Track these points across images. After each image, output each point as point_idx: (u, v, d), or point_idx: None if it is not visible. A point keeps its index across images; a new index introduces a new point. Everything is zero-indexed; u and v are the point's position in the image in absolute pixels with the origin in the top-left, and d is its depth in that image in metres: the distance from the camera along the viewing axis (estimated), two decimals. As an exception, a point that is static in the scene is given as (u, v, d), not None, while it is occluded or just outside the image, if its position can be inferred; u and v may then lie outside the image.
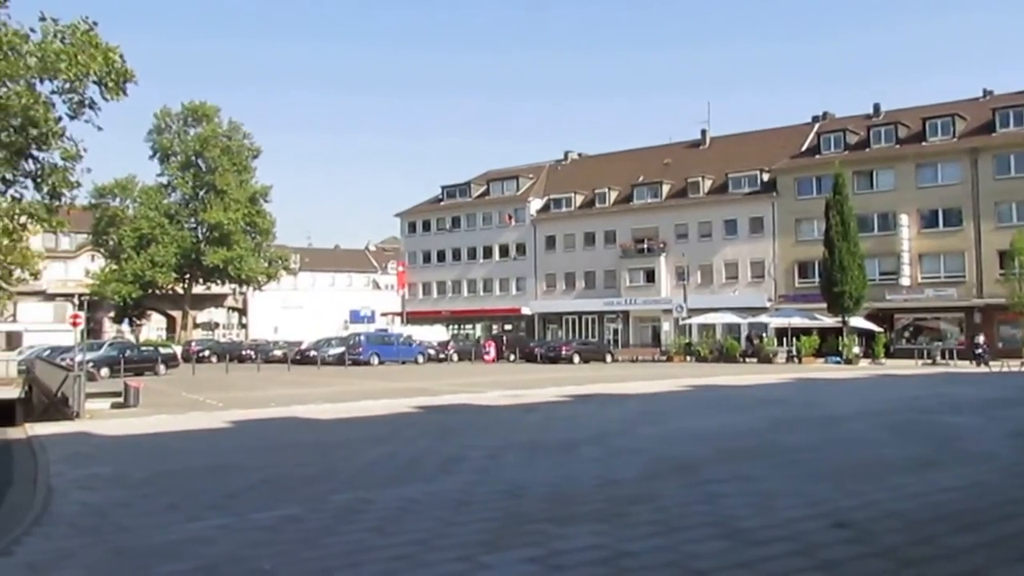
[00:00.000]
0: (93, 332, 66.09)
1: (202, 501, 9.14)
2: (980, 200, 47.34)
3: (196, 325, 77.26)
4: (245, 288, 74.40)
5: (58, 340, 43.41)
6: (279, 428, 17.00)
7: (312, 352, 48.70)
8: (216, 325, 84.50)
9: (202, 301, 78.22)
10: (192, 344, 59.05)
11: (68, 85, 17.23)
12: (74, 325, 30.04)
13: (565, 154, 74.26)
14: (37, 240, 44.65)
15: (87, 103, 17.58)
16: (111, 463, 12.49)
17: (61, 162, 18.35)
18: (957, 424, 16.19)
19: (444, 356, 51.82)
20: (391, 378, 34.45)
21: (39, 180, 18.56)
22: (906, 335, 49.94)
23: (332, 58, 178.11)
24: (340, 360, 46.05)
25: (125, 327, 72.29)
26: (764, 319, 50.25)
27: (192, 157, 68.28)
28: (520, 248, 66.96)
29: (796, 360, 45.48)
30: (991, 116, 49.00)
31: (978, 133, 49.23)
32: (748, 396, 23.46)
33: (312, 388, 28.38)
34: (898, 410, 18.90)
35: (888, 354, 46.19)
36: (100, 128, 17.94)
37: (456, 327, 68.64)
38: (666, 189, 60.57)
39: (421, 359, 49.18)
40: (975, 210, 47.48)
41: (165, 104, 70.47)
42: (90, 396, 20.52)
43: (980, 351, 40.33)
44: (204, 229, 68.61)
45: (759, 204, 55.04)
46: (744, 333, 50.95)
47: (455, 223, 71.39)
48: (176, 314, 74.50)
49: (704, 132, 65.50)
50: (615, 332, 61.17)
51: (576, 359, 49.00)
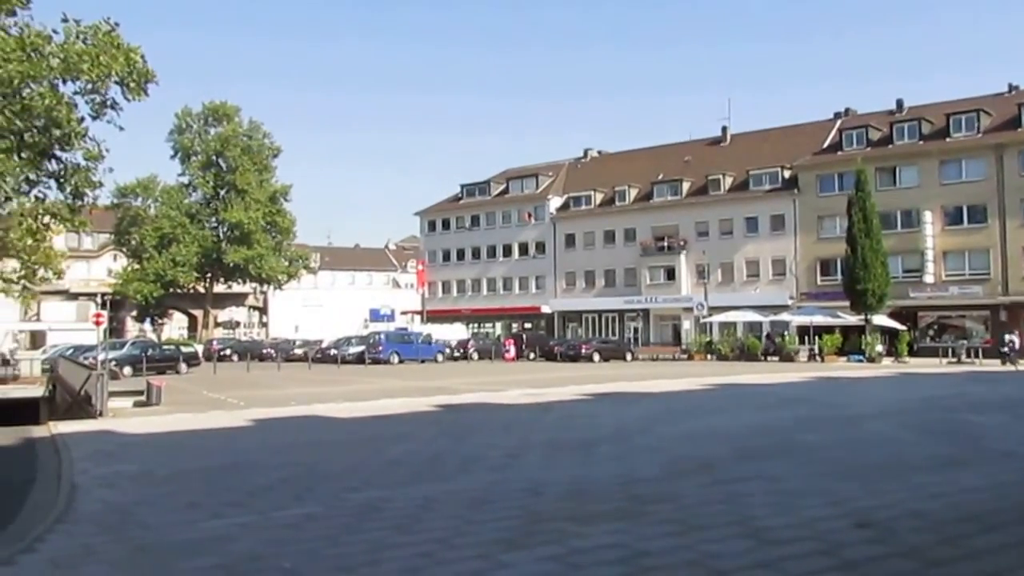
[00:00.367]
0: (115, 331, 66.77)
1: (224, 499, 9.20)
2: (1005, 196, 46.73)
3: (217, 324, 77.77)
4: (266, 287, 74.76)
5: (81, 339, 43.86)
6: (299, 426, 17.09)
7: (332, 351, 48.97)
8: (237, 324, 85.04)
9: (223, 300, 78.72)
10: (213, 343, 59.52)
11: (90, 86, 17.37)
12: (97, 324, 30.36)
13: (585, 152, 74.12)
14: (60, 240, 45.09)
15: (109, 103, 17.71)
16: (134, 461, 12.60)
17: (84, 162, 18.51)
18: (981, 423, 16.03)
19: (458, 355, 51.65)
20: (411, 377, 34.54)
21: (62, 180, 18.73)
22: (930, 333, 49.41)
23: (351, 56, 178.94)
24: (360, 359, 46.25)
25: (147, 326, 72.94)
26: (786, 317, 49.88)
27: (213, 157, 68.71)
28: (540, 246, 66.89)
29: (818, 359, 45.15)
30: (1016, 111, 48.36)
31: (1003, 129, 48.61)
32: (770, 395, 23.31)
33: (332, 387, 28.48)
34: (921, 409, 18.74)
35: (912, 352, 45.71)
36: (122, 128, 18.08)
37: (476, 326, 68.66)
38: (686, 187, 60.29)
39: (441, 358, 49.26)
40: (1000, 206, 46.89)
41: (186, 104, 71.09)
42: (113, 395, 20.72)
43: (1007, 349, 39.86)
44: (225, 228, 69.04)
45: (780, 201, 54.66)
46: (765, 331, 50.64)
47: (475, 221, 71.43)
48: (197, 313, 75.03)
49: (725, 129, 65.13)
50: (635, 330, 60.96)
51: (596, 358, 48.91)
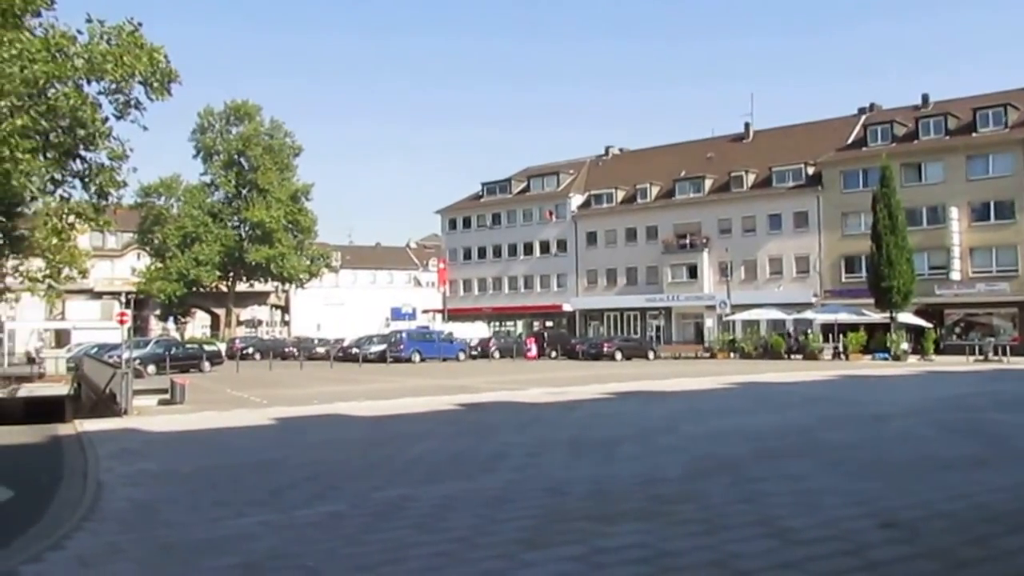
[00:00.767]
0: (139, 330, 67.40)
1: (247, 497, 9.26)
2: (1033, 192, 46.22)
3: (240, 322, 78.25)
4: (288, 286, 75.09)
5: (105, 338, 44.31)
6: (322, 425, 17.16)
7: (354, 349, 49.08)
8: (259, 322, 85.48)
9: (245, 299, 79.15)
10: (236, 341, 59.83)
11: (114, 86, 17.55)
12: (121, 323, 30.70)
13: (606, 149, 73.93)
14: (84, 239, 45.58)
15: (133, 103, 17.87)
16: (158, 459, 12.71)
17: (108, 162, 18.70)
18: (1008, 422, 15.85)
19: (477, 353, 51.55)
20: (432, 375, 34.59)
21: (87, 180, 18.93)
22: (956, 331, 48.91)
23: (370, 52, 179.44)
24: (382, 357, 46.34)
25: (170, 324, 73.60)
26: (809, 315, 49.53)
27: (235, 156, 69.10)
28: (561, 244, 66.81)
29: (843, 357, 44.77)
30: (1044, 106, 47.82)
31: (1031, 123, 48.06)
32: (793, 393, 23.14)
33: (354, 385, 28.57)
34: (947, 408, 18.55)
35: (938, 350, 45.22)
36: (146, 128, 18.25)
37: (497, 324, 68.71)
38: (709, 183, 59.98)
39: (462, 356, 49.27)
40: (1028, 202, 46.36)
41: (208, 103, 71.48)
42: (137, 393, 20.86)
43: None
44: (247, 227, 69.40)
45: (804, 198, 54.27)
46: (789, 329, 50.29)
47: (496, 220, 71.44)
48: (220, 312, 75.52)
49: (747, 125, 64.75)
50: (657, 329, 60.76)
51: (618, 356, 48.75)
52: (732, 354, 49.11)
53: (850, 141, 55.49)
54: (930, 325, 46.27)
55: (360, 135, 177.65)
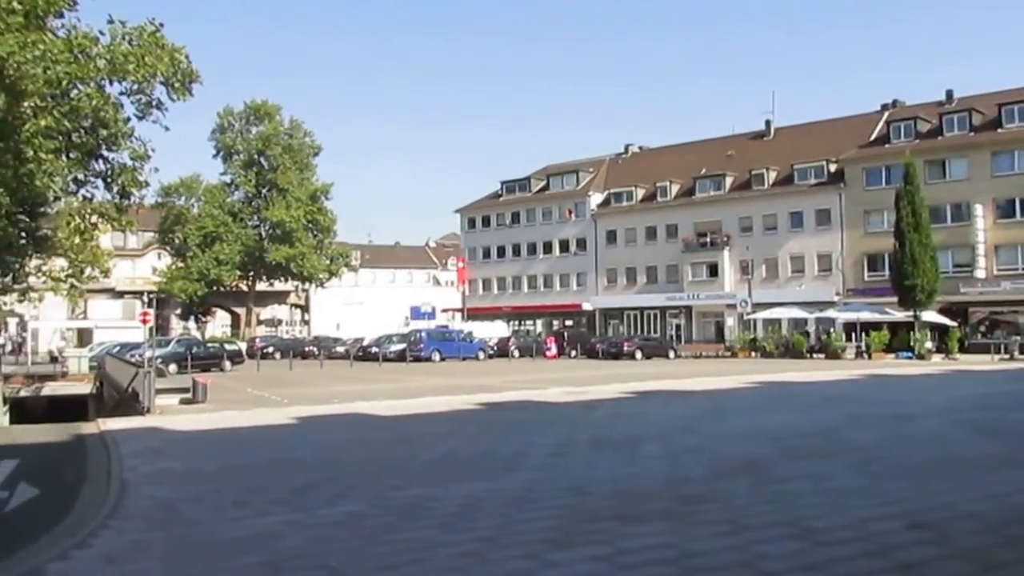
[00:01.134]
0: (160, 329, 67.84)
1: (269, 496, 9.28)
2: (1059, 188, 45.67)
3: (260, 322, 78.60)
4: (307, 285, 75.37)
5: (126, 337, 44.69)
6: (343, 424, 17.20)
7: (374, 348, 49.20)
8: (279, 322, 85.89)
9: (265, 298, 79.56)
10: (256, 341, 60.19)
11: (136, 86, 17.64)
12: (144, 322, 30.93)
13: (626, 147, 73.69)
14: (106, 238, 45.90)
15: (154, 104, 17.96)
16: (181, 458, 12.78)
17: (130, 162, 18.80)
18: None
19: (493, 352, 51.48)
20: (452, 375, 34.63)
21: (109, 180, 19.05)
22: (981, 329, 48.39)
23: (390, 50, 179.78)
24: (401, 356, 46.44)
25: (191, 324, 74.03)
26: (832, 314, 49.14)
27: (254, 156, 69.43)
28: (580, 243, 66.70)
29: (865, 356, 44.41)
30: (1071, 101, 47.20)
31: (1058, 118, 47.47)
32: (816, 393, 22.96)
33: (374, 384, 28.65)
34: (973, 407, 18.35)
35: (963, 349, 44.76)
36: (167, 128, 18.33)
37: (517, 323, 68.71)
38: (729, 181, 59.66)
39: (482, 355, 49.31)
40: (1055, 199, 45.83)
41: (228, 103, 71.84)
42: (160, 392, 21.03)
43: None
44: (267, 227, 69.73)
45: (826, 196, 53.85)
46: (811, 328, 49.94)
47: (515, 219, 71.43)
48: (240, 311, 75.93)
49: (768, 122, 64.29)
50: (677, 328, 60.51)
51: (638, 355, 48.61)
52: (753, 353, 48.87)
53: (873, 138, 55.04)
54: (954, 324, 45.84)
55: (379, 134, 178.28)
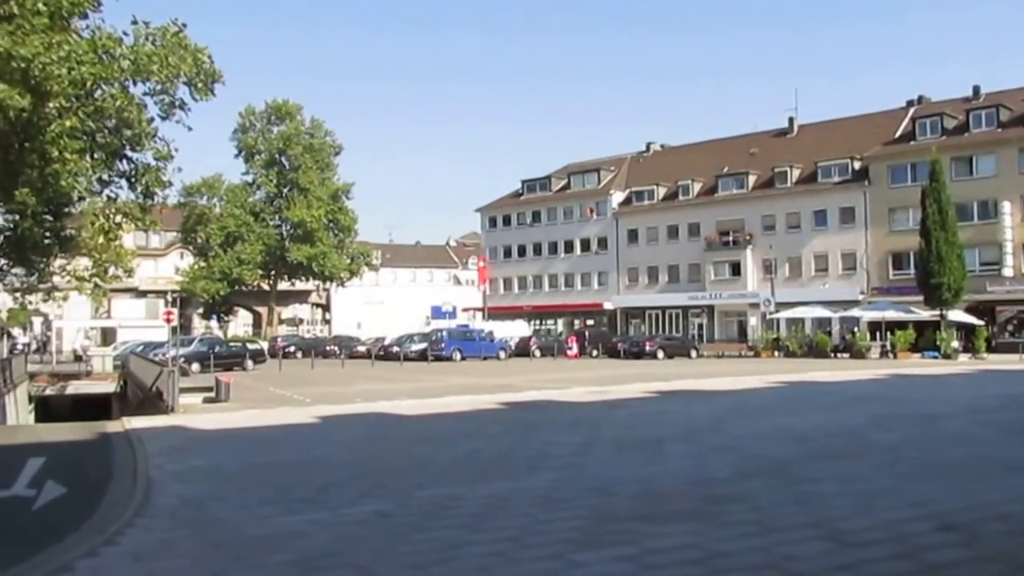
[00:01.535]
0: (182, 328, 68.35)
1: (294, 495, 9.31)
2: (1089, 185, 45.06)
3: (281, 321, 79.11)
4: (328, 284, 75.76)
5: (150, 336, 45.06)
6: (366, 423, 17.23)
7: (395, 348, 49.34)
8: (300, 321, 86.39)
9: (287, 297, 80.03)
10: (278, 340, 60.56)
11: (160, 87, 17.73)
12: (167, 322, 31.16)
13: (647, 145, 73.42)
14: (129, 238, 46.35)
15: (178, 104, 18.05)
16: (206, 456, 12.84)
17: (153, 162, 18.91)
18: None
19: (515, 351, 51.40)
20: (474, 374, 34.63)
21: (133, 180, 19.19)
22: (1009, 328, 47.82)
23: (409, 49, 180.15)
24: (422, 356, 46.53)
25: (213, 323, 74.61)
26: (856, 313, 48.76)
27: (276, 155, 69.84)
28: (602, 242, 66.55)
29: (891, 355, 43.98)
30: (1100, 96, 46.56)
31: (1086, 114, 46.86)
32: (841, 392, 22.74)
33: (396, 384, 28.70)
34: (1002, 407, 18.12)
35: (990, 348, 44.27)
36: (190, 128, 18.43)
37: (538, 322, 68.65)
38: (752, 179, 59.30)
39: (503, 355, 49.27)
40: (1084, 196, 45.23)
41: (249, 103, 72.23)
42: (183, 391, 21.15)
43: None
44: (288, 227, 70.12)
45: (850, 193, 53.40)
46: (835, 327, 49.53)
47: (536, 217, 71.38)
48: (262, 310, 76.42)
49: (791, 120, 63.88)
50: (700, 327, 60.25)
51: (660, 355, 48.38)
52: (776, 353, 48.60)
53: (898, 135, 54.51)
54: (981, 322, 45.30)
55: (399, 133, 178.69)
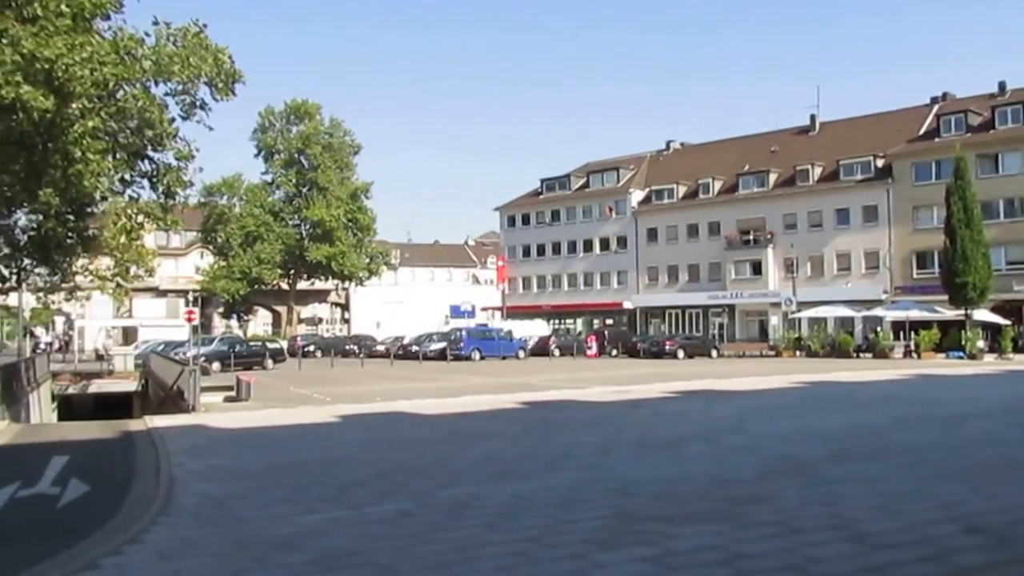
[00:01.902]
0: (203, 327, 68.86)
1: (315, 494, 9.33)
2: (1116, 182, 44.45)
3: (300, 320, 79.45)
4: (347, 284, 75.99)
5: (171, 335, 45.42)
6: (386, 422, 17.25)
7: (414, 347, 49.39)
8: (320, 320, 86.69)
9: (306, 297, 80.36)
10: (297, 339, 60.82)
11: (181, 87, 17.81)
12: (189, 321, 31.38)
13: (667, 144, 73.15)
14: (150, 238, 46.71)
15: (198, 104, 18.14)
16: (228, 455, 12.91)
17: (175, 162, 19.01)
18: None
19: (527, 353, 51.12)
20: (493, 373, 34.63)
21: (155, 180, 19.28)
22: (1036, 328, 47.25)
23: (428, 47, 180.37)
24: (441, 355, 46.52)
25: (233, 322, 75.04)
26: (879, 312, 48.33)
27: (295, 155, 70.12)
28: (621, 241, 66.35)
29: (914, 355, 43.56)
30: None
31: (1113, 110, 46.23)
32: (865, 393, 22.55)
33: (415, 383, 28.75)
34: (1029, 408, 17.87)
35: (1016, 349, 43.71)
36: (211, 128, 18.51)
37: (557, 322, 68.55)
38: (773, 178, 58.92)
39: (522, 354, 49.22)
40: (1111, 193, 44.62)
41: (268, 103, 72.59)
42: (204, 390, 21.26)
43: None
44: (307, 226, 70.37)
45: (873, 191, 52.92)
46: (858, 327, 49.10)
47: (555, 216, 71.26)
48: (281, 309, 76.79)
49: (813, 117, 63.48)
50: (720, 326, 59.94)
51: (680, 354, 48.13)
52: (798, 352, 48.27)
53: (922, 132, 54.02)
54: (1008, 322, 44.73)
55: (418, 132, 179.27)
